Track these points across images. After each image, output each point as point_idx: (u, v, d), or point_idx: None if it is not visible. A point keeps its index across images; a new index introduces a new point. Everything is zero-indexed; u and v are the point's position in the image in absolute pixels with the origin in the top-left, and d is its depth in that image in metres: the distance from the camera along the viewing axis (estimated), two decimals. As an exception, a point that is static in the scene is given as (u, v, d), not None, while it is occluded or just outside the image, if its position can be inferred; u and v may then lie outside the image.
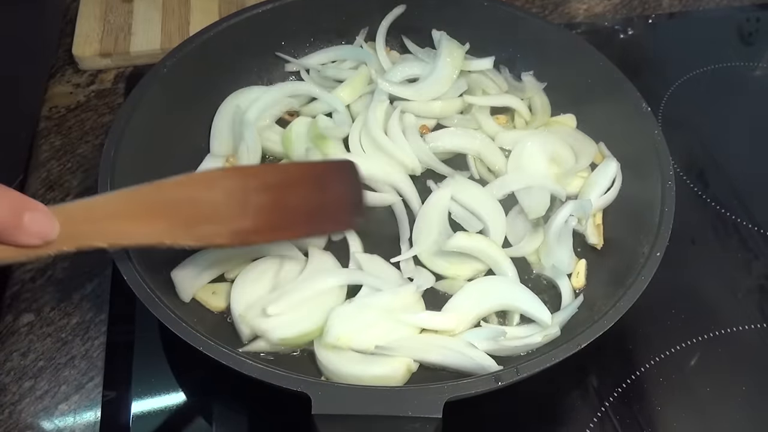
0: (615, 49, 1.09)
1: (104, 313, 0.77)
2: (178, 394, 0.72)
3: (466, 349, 0.68)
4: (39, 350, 0.75)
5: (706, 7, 1.20)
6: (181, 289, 0.71)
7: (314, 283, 0.72)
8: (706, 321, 0.79)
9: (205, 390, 0.73)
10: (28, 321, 0.77)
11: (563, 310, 0.71)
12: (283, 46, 0.94)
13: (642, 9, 1.18)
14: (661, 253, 0.68)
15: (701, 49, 1.12)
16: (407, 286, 0.73)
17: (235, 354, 0.60)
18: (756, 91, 1.07)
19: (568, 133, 0.88)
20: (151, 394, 0.71)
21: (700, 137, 0.98)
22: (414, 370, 0.69)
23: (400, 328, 0.70)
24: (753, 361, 0.77)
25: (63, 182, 0.89)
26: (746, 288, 0.83)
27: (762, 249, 0.86)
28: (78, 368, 0.74)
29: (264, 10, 0.89)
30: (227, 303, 0.73)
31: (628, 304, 0.65)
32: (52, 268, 0.81)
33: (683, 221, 0.75)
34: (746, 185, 0.92)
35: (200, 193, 0.63)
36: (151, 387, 0.72)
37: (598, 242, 0.79)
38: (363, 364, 0.68)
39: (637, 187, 0.79)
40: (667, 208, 0.72)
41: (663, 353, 0.76)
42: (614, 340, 0.66)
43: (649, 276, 0.67)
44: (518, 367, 0.60)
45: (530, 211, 0.80)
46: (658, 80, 1.05)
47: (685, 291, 0.81)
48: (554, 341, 0.68)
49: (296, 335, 0.70)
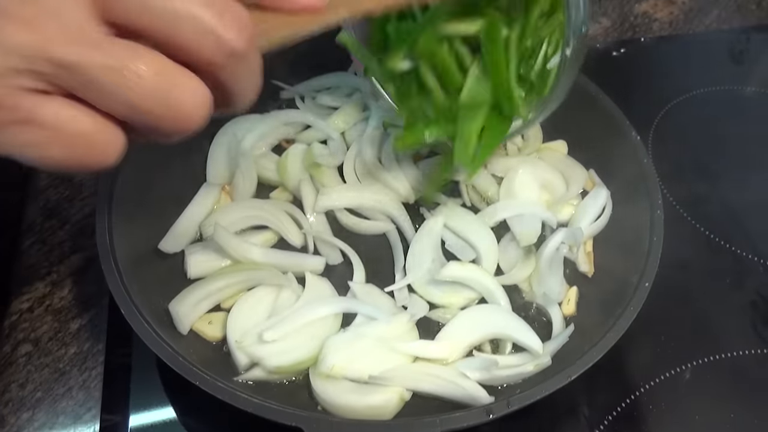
0: (606, 72, 1.10)
1: (101, 343, 0.78)
2: (175, 421, 0.73)
3: (458, 379, 0.68)
4: (37, 381, 0.75)
5: (696, 30, 1.21)
6: (179, 321, 0.72)
7: (310, 311, 0.73)
8: (696, 347, 0.80)
9: (201, 418, 0.74)
10: (26, 351, 0.78)
11: (554, 340, 0.72)
12: (278, 74, 0.95)
13: (633, 32, 1.20)
14: (650, 283, 0.70)
15: (692, 72, 1.13)
16: (401, 315, 0.74)
17: (231, 388, 0.61)
18: (746, 114, 1.08)
19: (559, 159, 0.90)
20: (149, 419, 0.72)
21: (690, 160, 1.00)
22: (407, 399, 0.69)
23: (394, 357, 0.71)
24: (744, 387, 0.78)
25: (61, 210, 0.90)
26: (737, 313, 0.84)
27: (754, 275, 0.87)
28: (75, 399, 0.74)
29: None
30: (224, 333, 0.74)
31: (618, 335, 0.66)
32: (50, 297, 0.82)
33: (673, 246, 0.76)
34: (737, 209, 0.94)
35: None
36: (149, 413, 0.72)
37: (589, 270, 0.80)
38: (357, 393, 0.68)
39: (627, 215, 0.81)
40: (656, 237, 0.73)
41: (653, 380, 0.77)
42: (605, 368, 0.67)
43: (639, 306, 0.68)
44: (510, 399, 0.61)
45: (522, 238, 0.81)
46: (649, 103, 1.06)
47: (675, 317, 0.82)
48: (545, 370, 0.69)
49: (291, 363, 0.71)
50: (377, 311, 0.73)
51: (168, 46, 0.36)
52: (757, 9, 1.25)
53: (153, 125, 0.37)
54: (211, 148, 0.88)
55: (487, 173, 0.88)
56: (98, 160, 0.38)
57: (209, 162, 0.88)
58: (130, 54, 0.35)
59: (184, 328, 0.72)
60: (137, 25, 0.36)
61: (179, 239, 0.80)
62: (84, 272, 0.84)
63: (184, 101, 0.37)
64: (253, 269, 0.77)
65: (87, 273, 0.84)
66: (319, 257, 0.81)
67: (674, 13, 1.24)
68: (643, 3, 1.25)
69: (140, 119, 0.37)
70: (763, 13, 1.25)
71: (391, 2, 0.53)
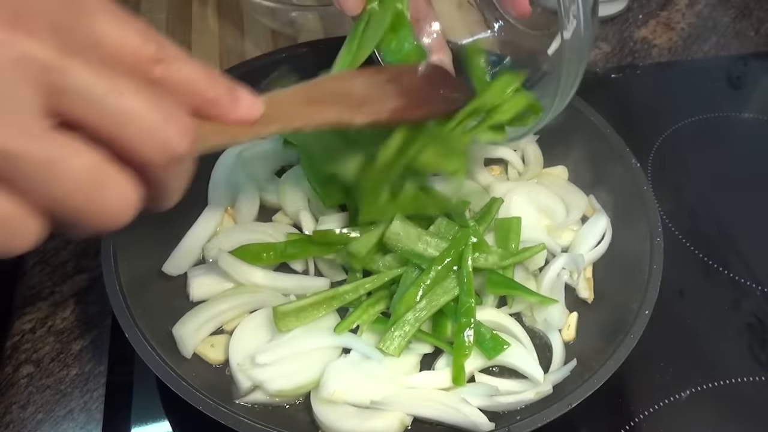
0: (605, 98, 1.10)
1: (103, 365, 0.78)
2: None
3: (459, 405, 0.69)
4: (38, 402, 0.76)
5: (694, 57, 1.23)
6: (182, 344, 0.72)
7: (308, 342, 0.73)
8: (694, 374, 0.80)
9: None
10: (27, 372, 0.78)
11: (557, 372, 0.72)
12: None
13: (632, 58, 1.21)
14: (649, 311, 0.70)
15: (691, 98, 1.14)
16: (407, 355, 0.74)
17: (233, 413, 0.62)
18: (745, 140, 1.09)
19: (560, 185, 0.90)
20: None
21: (689, 187, 1.01)
22: (408, 424, 0.70)
23: (395, 382, 0.72)
24: (742, 414, 0.78)
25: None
26: (735, 340, 0.84)
27: (751, 300, 0.88)
28: (77, 421, 0.74)
29: (259, 62, 0.92)
30: (226, 355, 0.74)
31: (618, 363, 0.66)
32: (52, 318, 0.82)
33: (671, 272, 0.76)
34: (735, 236, 0.94)
35: (351, 84, 0.65)
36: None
37: (589, 296, 0.81)
38: (358, 418, 0.69)
39: (626, 242, 0.81)
40: (655, 265, 0.74)
41: (652, 407, 0.77)
42: (604, 394, 0.67)
43: (639, 334, 0.68)
44: (510, 427, 0.61)
45: (529, 263, 0.81)
46: (648, 129, 1.08)
47: (673, 343, 0.83)
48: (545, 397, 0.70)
49: (293, 387, 0.71)
50: (373, 350, 0.73)
51: (112, 142, 0.37)
52: (755, 35, 1.27)
53: (77, 221, 0.37)
54: (214, 171, 0.89)
55: (488, 196, 0.88)
56: (10, 245, 0.37)
57: (211, 185, 0.88)
58: (67, 150, 0.35)
59: (187, 351, 0.72)
60: (85, 120, 0.36)
61: (182, 261, 0.80)
62: (86, 293, 0.84)
63: (113, 203, 0.37)
64: (256, 292, 0.77)
65: (89, 294, 0.84)
66: (322, 279, 0.81)
67: (673, 39, 1.25)
68: (642, 29, 1.27)
69: (65, 214, 0.37)
70: (761, 39, 1.26)
71: (321, 122, 0.57)
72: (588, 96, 0.89)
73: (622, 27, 1.27)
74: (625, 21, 1.28)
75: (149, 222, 0.77)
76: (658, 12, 1.31)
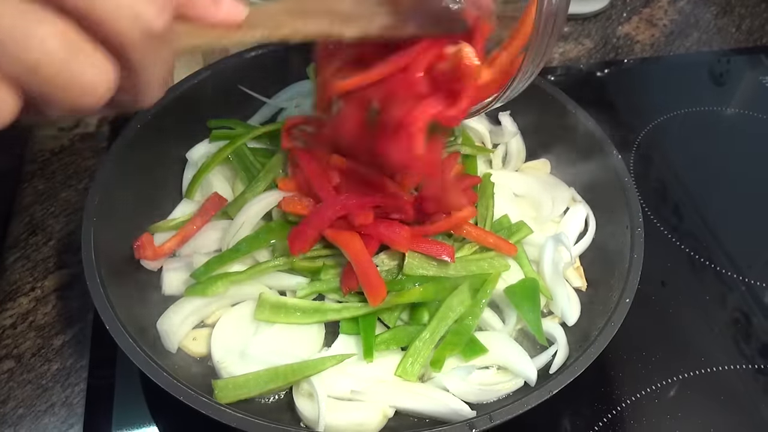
0: (589, 93, 1.13)
1: (85, 359, 0.78)
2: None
3: (440, 395, 0.69)
4: (19, 397, 0.75)
5: (677, 52, 1.24)
6: (166, 338, 0.72)
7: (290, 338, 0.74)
8: (678, 363, 0.81)
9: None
10: (8, 367, 0.77)
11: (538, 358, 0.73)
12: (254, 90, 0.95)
13: (615, 54, 1.22)
14: (630, 299, 0.70)
15: (673, 93, 1.15)
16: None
17: (215, 404, 0.61)
18: (726, 134, 1.10)
19: (543, 178, 0.91)
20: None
21: (671, 179, 1.01)
22: (390, 416, 0.70)
23: (376, 373, 0.72)
24: (726, 402, 0.78)
25: (46, 226, 0.90)
26: (718, 329, 0.85)
27: (735, 292, 0.88)
28: (58, 415, 0.74)
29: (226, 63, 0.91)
30: (208, 349, 0.74)
31: (599, 350, 0.66)
32: (33, 313, 0.82)
33: (655, 264, 0.77)
34: (717, 228, 0.95)
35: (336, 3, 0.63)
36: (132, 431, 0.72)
37: (582, 284, 0.82)
38: (340, 411, 0.69)
39: (608, 233, 0.82)
40: (636, 254, 0.74)
41: (635, 395, 0.77)
42: (588, 383, 0.68)
43: (619, 322, 0.69)
44: (492, 414, 0.61)
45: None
46: (631, 124, 1.08)
47: (657, 333, 0.83)
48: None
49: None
50: None
51: (85, 18, 0.36)
52: (736, 32, 1.28)
53: (51, 93, 0.37)
54: (187, 165, 0.89)
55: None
56: None
57: (185, 179, 0.88)
58: (38, 18, 0.35)
59: (172, 345, 0.72)
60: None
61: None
62: (68, 288, 0.84)
63: (86, 75, 0.37)
64: (238, 286, 0.77)
65: (71, 289, 0.84)
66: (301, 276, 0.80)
67: (656, 36, 1.26)
68: (625, 25, 1.28)
69: (39, 85, 0.36)
70: (742, 35, 1.27)
71: (308, 31, 0.57)
72: (571, 91, 0.90)
73: (605, 23, 1.28)
74: (608, 18, 1.29)
75: (128, 217, 0.78)
76: (640, 9, 1.32)
